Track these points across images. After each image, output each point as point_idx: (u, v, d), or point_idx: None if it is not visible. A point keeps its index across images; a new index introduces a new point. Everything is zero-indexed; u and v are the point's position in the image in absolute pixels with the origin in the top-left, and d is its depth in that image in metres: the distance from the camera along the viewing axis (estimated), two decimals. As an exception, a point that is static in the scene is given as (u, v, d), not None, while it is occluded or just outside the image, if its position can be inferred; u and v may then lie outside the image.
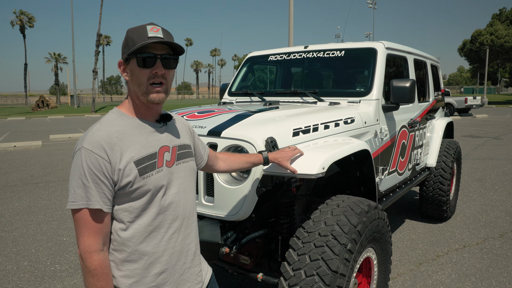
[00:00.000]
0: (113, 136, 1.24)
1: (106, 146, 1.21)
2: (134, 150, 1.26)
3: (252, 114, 2.59)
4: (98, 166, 1.19)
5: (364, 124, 3.02)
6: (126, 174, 1.23)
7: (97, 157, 1.19)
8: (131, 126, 1.30)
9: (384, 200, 3.45)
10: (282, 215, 2.63)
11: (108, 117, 1.31)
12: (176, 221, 1.36)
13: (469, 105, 23.76)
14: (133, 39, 1.27)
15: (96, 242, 1.19)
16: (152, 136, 1.33)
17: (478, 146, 11.57)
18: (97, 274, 1.18)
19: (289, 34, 16.68)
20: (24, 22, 48.71)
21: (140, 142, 1.28)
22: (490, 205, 5.75)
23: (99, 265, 1.18)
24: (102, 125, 1.27)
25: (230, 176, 2.29)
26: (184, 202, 1.40)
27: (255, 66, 4.59)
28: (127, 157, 1.23)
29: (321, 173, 2.03)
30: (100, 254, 1.20)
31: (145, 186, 1.26)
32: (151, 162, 1.28)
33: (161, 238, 1.32)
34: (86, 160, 1.18)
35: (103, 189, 1.20)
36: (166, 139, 1.37)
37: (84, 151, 1.20)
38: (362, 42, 3.62)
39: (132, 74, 1.30)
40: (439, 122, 4.95)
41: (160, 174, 1.30)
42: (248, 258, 2.69)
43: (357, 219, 2.17)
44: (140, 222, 1.27)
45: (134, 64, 1.29)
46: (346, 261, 2.03)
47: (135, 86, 1.30)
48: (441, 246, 4.25)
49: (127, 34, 1.31)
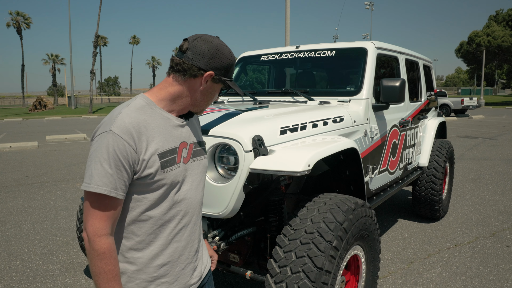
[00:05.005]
0: (141, 125, 1.23)
1: (135, 134, 1.20)
2: (159, 142, 1.26)
3: (241, 112, 2.61)
4: (125, 153, 1.17)
5: (354, 123, 3.04)
6: (150, 165, 1.23)
7: (125, 144, 1.18)
8: (158, 117, 1.29)
9: (375, 199, 3.47)
10: (271, 213, 2.64)
11: (137, 103, 1.28)
12: (186, 217, 1.38)
13: (465, 106, 23.87)
14: (233, 70, 1.39)
15: (106, 226, 1.19)
16: (174, 130, 1.34)
17: (473, 147, 11.62)
18: (105, 258, 1.18)
19: (286, 35, 16.72)
20: (21, 23, 48.59)
21: (164, 135, 1.29)
22: (483, 204, 5.78)
23: (107, 249, 1.18)
24: (131, 111, 1.24)
25: (218, 174, 2.30)
26: (195, 199, 1.42)
27: (252, 67, 4.62)
28: (152, 149, 1.24)
29: (307, 170, 2.04)
30: (109, 238, 1.20)
31: (163, 180, 1.27)
32: (172, 157, 1.30)
33: (170, 232, 1.34)
34: (113, 145, 1.16)
35: (124, 177, 1.19)
36: (186, 135, 1.39)
37: (112, 135, 1.17)
38: (353, 42, 3.64)
39: (211, 92, 1.37)
40: (432, 122, 4.97)
41: (178, 170, 1.32)
42: (237, 256, 2.71)
43: (343, 217, 2.18)
44: (151, 213, 1.29)
45: (218, 87, 1.38)
46: (331, 258, 2.04)
47: (204, 101, 1.38)
48: (433, 245, 4.27)
49: (233, 56, 1.37)
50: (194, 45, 1.30)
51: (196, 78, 1.31)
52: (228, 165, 2.29)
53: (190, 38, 1.33)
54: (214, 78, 1.33)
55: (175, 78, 1.32)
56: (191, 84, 1.32)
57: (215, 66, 1.31)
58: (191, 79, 1.31)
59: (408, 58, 4.32)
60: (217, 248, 2.33)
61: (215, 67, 1.31)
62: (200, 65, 1.29)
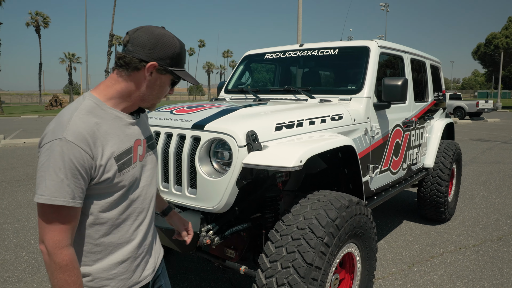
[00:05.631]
0: (95, 129, 1.19)
1: (90, 140, 1.16)
2: (114, 145, 1.23)
3: (238, 109, 2.62)
4: (82, 160, 1.13)
5: (353, 121, 3.03)
6: (107, 170, 1.20)
7: (81, 151, 1.13)
8: (110, 118, 1.25)
9: (375, 199, 3.44)
10: (267, 210, 2.65)
11: (86, 104, 1.22)
12: (142, 213, 1.37)
13: (480, 109, 23.41)
14: (181, 59, 1.31)
15: (66, 237, 1.15)
16: (128, 129, 1.30)
17: (486, 150, 11.39)
18: (68, 270, 1.15)
19: (298, 35, 16.68)
20: (39, 22, 49.62)
21: (118, 136, 1.26)
22: (491, 208, 5.67)
23: (70, 260, 1.15)
24: (83, 114, 1.19)
25: (213, 169, 2.32)
26: (150, 195, 1.41)
27: (256, 66, 4.63)
28: (108, 152, 1.21)
29: (298, 166, 2.05)
30: (70, 248, 1.16)
31: (122, 182, 1.25)
32: (128, 158, 1.28)
33: (127, 230, 1.32)
34: (68, 153, 1.11)
35: (81, 185, 1.15)
36: (139, 132, 1.36)
37: (66, 143, 1.11)
38: (356, 41, 3.63)
39: (158, 84, 1.30)
40: (438, 122, 4.91)
41: (135, 170, 1.31)
42: (233, 252, 2.72)
43: (335, 213, 2.18)
44: (109, 215, 1.26)
45: (167, 79, 1.31)
46: (322, 254, 2.04)
47: (152, 94, 1.31)
48: (437, 248, 4.21)
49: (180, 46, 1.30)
50: (134, 37, 1.24)
51: (140, 71, 1.24)
52: (223, 160, 2.31)
53: (131, 30, 1.28)
54: (159, 69, 1.26)
55: (119, 74, 1.26)
56: (136, 78, 1.26)
57: (157, 56, 1.24)
58: (135, 73, 1.25)
59: (414, 57, 4.27)
60: (211, 242, 2.35)
61: (157, 57, 1.24)
62: (141, 56, 1.23)
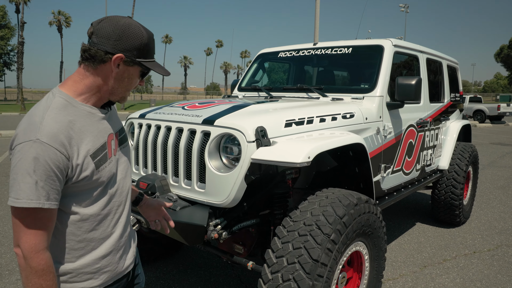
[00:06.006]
0: (69, 128, 1.16)
1: (65, 140, 1.13)
2: (89, 142, 1.21)
3: (248, 105, 2.64)
4: (57, 161, 1.11)
5: (365, 120, 3.00)
6: (84, 168, 1.18)
7: (57, 152, 1.11)
8: (82, 115, 1.22)
9: (387, 199, 3.40)
10: (276, 206, 2.66)
11: (58, 102, 1.18)
12: (120, 206, 1.38)
13: (502, 112, 22.85)
14: (150, 50, 1.27)
15: (42, 240, 1.12)
16: (100, 124, 1.28)
17: (506, 154, 11.11)
18: (44, 274, 1.12)
19: (315, 36, 16.61)
20: (62, 21, 50.80)
21: (92, 133, 1.23)
22: (509, 212, 5.53)
23: (46, 264, 1.13)
24: (55, 113, 1.15)
25: (222, 163, 2.34)
26: (126, 187, 1.41)
27: (270, 64, 4.64)
28: (84, 151, 1.19)
29: (306, 162, 2.04)
30: (46, 252, 1.14)
31: (101, 178, 1.25)
32: (103, 154, 1.26)
33: (108, 224, 1.33)
34: (43, 155, 1.08)
35: (56, 186, 1.13)
36: (111, 126, 1.33)
37: (40, 144, 1.09)
38: (371, 40, 3.60)
39: (127, 77, 1.26)
40: (454, 124, 4.82)
41: (111, 164, 1.30)
42: (241, 247, 2.74)
43: (343, 211, 2.17)
44: (90, 212, 1.26)
45: (135, 70, 1.27)
46: (328, 251, 2.04)
47: (121, 87, 1.27)
48: (450, 251, 4.13)
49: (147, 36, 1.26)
50: (99, 28, 1.20)
51: (106, 63, 1.20)
52: (232, 156, 2.33)
53: (95, 21, 1.23)
54: (126, 61, 1.22)
55: (86, 68, 1.22)
56: (103, 71, 1.22)
57: (123, 47, 1.20)
58: (102, 66, 1.21)
59: (430, 57, 4.21)
60: (219, 236, 2.37)
61: (124, 49, 1.20)
62: (106, 48, 1.18)
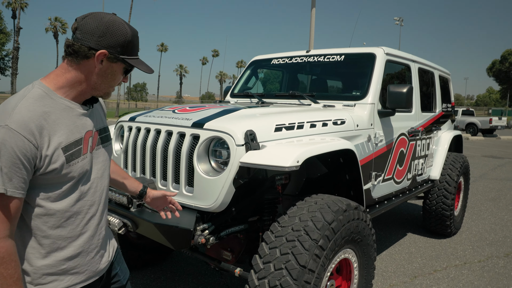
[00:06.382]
0: (42, 118, 1.15)
1: (35, 129, 1.12)
2: (62, 135, 1.20)
3: (239, 109, 2.62)
4: (24, 150, 1.10)
5: (356, 127, 3.00)
6: (54, 160, 1.17)
7: (25, 140, 1.10)
8: (59, 108, 1.21)
9: (377, 207, 3.38)
10: (265, 212, 2.63)
11: (35, 93, 1.18)
12: (93, 206, 1.34)
13: (493, 125, 23.10)
14: (134, 47, 1.27)
15: (5, 228, 1.10)
16: (78, 120, 1.27)
17: (497, 167, 11.18)
18: (5, 262, 1.10)
19: (310, 45, 16.75)
20: (58, 28, 50.82)
21: (68, 127, 1.22)
22: (500, 224, 5.53)
23: (7, 252, 1.10)
24: (30, 103, 1.15)
25: (210, 167, 2.31)
26: (101, 187, 1.38)
27: (263, 71, 4.65)
28: (55, 143, 1.18)
29: (295, 166, 2.02)
30: (8, 240, 1.11)
31: (71, 173, 1.23)
32: (77, 149, 1.24)
33: (78, 223, 1.29)
34: (10, 141, 1.07)
35: (23, 174, 1.11)
36: (91, 124, 1.32)
37: (8, 130, 1.08)
38: (363, 48, 3.62)
39: (110, 73, 1.26)
40: (446, 134, 4.84)
41: (85, 161, 1.28)
42: (229, 254, 2.70)
43: (332, 216, 2.14)
44: (58, 207, 1.23)
45: (118, 67, 1.27)
46: (316, 257, 2.01)
47: (104, 83, 1.27)
48: (440, 261, 4.11)
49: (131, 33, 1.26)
50: (83, 23, 1.20)
51: (90, 59, 1.21)
52: (221, 159, 2.30)
53: (79, 17, 1.23)
54: (109, 57, 1.22)
55: (69, 63, 1.22)
56: (86, 66, 1.22)
57: (107, 44, 1.20)
58: (85, 61, 1.21)
59: (422, 67, 4.24)
60: (206, 241, 2.32)
61: (108, 45, 1.21)
62: (90, 44, 1.19)
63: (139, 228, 2.34)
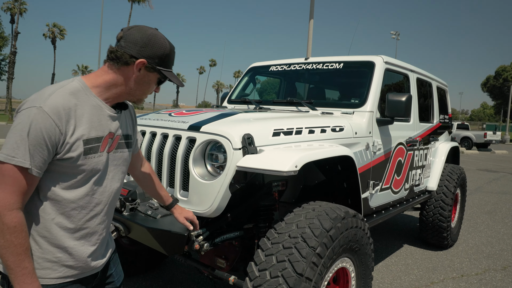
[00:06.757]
0: (72, 109, 1.24)
1: (64, 116, 1.21)
2: (86, 129, 1.28)
3: (237, 113, 2.58)
4: (51, 133, 1.18)
5: (355, 134, 2.96)
6: (73, 149, 1.24)
7: (53, 123, 1.18)
8: (90, 104, 1.30)
9: (375, 217, 3.33)
10: (261, 219, 2.57)
11: (73, 85, 1.29)
12: (99, 205, 1.39)
13: (488, 140, 23.24)
14: (170, 60, 1.38)
15: (19, 200, 1.17)
16: (104, 120, 1.35)
17: (492, 180, 11.20)
18: (16, 231, 1.16)
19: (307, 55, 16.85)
20: (56, 34, 50.84)
21: (93, 123, 1.30)
22: (496, 237, 5.49)
23: (18, 223, 1.17)
24: (65, 93, 1.25)
25: (206, 171, 2.26)
26: (111, 189, 1.43)
27: (261, 78, 4.63)
28: (78, 134, 1.25)
29: (293, 171, 1.98)
30: (20, 212, 1.18)
31: (83, 166, 1.29)
32: (96, 145, 1.32)
33: (81, 218, 1.34)
34: (39, 121, 1.16)
35: (44, 155, 1.19)
36: (115, 126, 1.40)
37: (41, 111, 1.17)
38: (362, 56, 3.60)
39: (145, 81, 1.36)
40: (443, 145, 4.82)
41: (100, 159, 1.34)
42: (224, 262, 2.63)
43: (330, 224, 2.09)
44: (65, 196, 1.29)
45: (154, 77, 1.38)
46: (313, 265, 1.95)
47: (139, 90, 1.37)
48: (437, 274, 4.05)
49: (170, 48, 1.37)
50: (128, 34, 1.32)
51: (129, 65, 1.31)
52: (217, 163, 2.25)
53: (125, 28, 1.35)
54: (147, 67, 1.33)
55: (110, 66, 1.32)
56: (125, 72, 1.32)
57: (147, 54, 1.31)
58: (125, 67, 1.31)
59: (420, 77, 4.24)
60: (200, 247, 2.26)
61: (147, 55, 1.31)
62: (132, 52, 1.30)
63: (131, 232, 2.27)
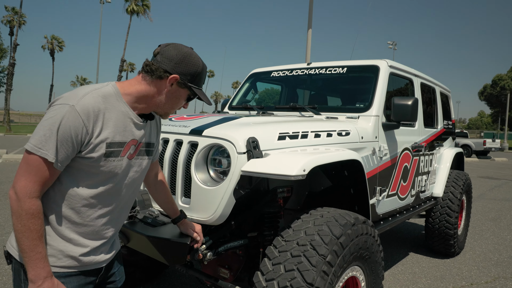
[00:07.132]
0: (102, 112, 1.29)
1: (92, 118, 1.26)
2: (111, 132, 1.33)
3: (240, 117, 2.50)
4: (78, 131, 1.23)
5: (361, 139, 2.88)
6: (96, 150, 1.30)
7: (82, 123, 1.23)
8: (119, 110, 1.35)
9: (382, 224, 3.23)
10: (266, 227, 2.47)
11: (107, 89, 1.34)
12: (108, 207, 1.43)
13: (487, 147, 23.21)
14: (201, 79, 1.44)
15: (37, 190, 1.23)
16: (130, 127, 1.40)
17: (494, 187, 11.10)
18: (34, 217, 1.22)
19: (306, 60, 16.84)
20: (54, 46, 50.96)
21: (118, 128, 1.35)
22: (503, 244, 5.38)
23: (37, 210, 1.23)
24: (97, 95, 1.30)
25: (209, 177, 2.17)
26: (126, 194, 1.47)
27: (262, 84, 4.56)
28: (103, 136, 1.31)
29: (301, 175, 1.89)
30: (38, 200, 1.25)
31: (102, 168, 1.34)
32: (118, 149, 1.36)
33: (89, 215, 1.38)
34: (69, 119, 1.21)
35: (68, 151, 1.24)
36: (139, 134, 1.45)
37: (72, 109, 1.22)
38: (366, 60, 3.54)
39: (176, 96, 1.42)
40: (448, 151, 4.74)
41: (119, 163, 1.39)
42: (227, 271, 2.52)
43: (340, 231, 1.99)
44: (79, 192, 1.33)
45: (184, 93, 1.43)
46: (324, 274, 1.84)
47: (168, 103, 1.43)
48: (446, 282, 3.93)
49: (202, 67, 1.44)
50: (165, 50, 1.38)
51: (162, 80, 1.37)
52: (220, 168, 2.16)
53: (163, 44, 1.42)
54: (179, 82, 1.38)
55: (144, 78, 1.39)
56: (157, 85, 1.38)
57: (180, 71, 1.37)
58: (158, 81, 1.37)
59: (424, 82, 4.18)
60: (203, 257, 2.15)
61: (180, 72, 1.37)
62: (166, 67, 1.36)
63: (131, 241, 2.16)
